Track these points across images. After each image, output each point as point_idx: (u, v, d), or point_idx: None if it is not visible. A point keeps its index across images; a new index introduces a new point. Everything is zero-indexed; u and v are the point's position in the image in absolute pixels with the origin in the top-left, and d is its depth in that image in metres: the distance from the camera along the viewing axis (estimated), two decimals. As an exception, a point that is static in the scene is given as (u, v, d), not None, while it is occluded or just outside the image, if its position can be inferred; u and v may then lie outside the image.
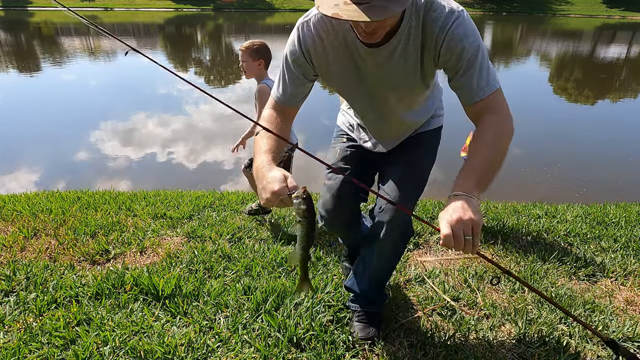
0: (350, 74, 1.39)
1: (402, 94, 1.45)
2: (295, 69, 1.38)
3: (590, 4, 50.22)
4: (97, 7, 40.85)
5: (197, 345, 1.86)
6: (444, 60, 1.27)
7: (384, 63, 1.32)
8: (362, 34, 1.18)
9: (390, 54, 1.29)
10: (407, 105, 1.53)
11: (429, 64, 1.32)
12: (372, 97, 1.47)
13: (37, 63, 13.22)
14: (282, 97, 1.43)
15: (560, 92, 11.44)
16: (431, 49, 1.27)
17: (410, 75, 1.35)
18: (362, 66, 1.36)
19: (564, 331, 2.05)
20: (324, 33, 1.31)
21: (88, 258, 2.60)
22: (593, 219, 3.40)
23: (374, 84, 1.41)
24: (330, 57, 1.36)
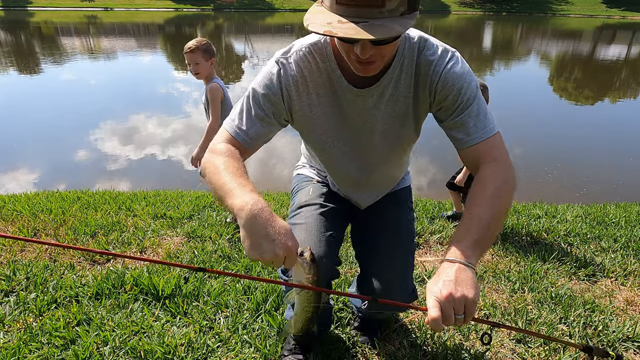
0: (333, 119, 1.21)
1: (392, 142, 1.26)
2: (265, 106, 1.15)
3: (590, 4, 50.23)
4: (97, 7, 40.85)
5: (197, 345, 1.86)
6: (439, 99, 1.14)
7: (373, 105, 1.17)
8: (356, 64, 1.01)
9: (381, 95, 1.15)
10: (395, 155, 1.34)
11: (422, 105, 1.19)
12: (356, 145, 1.27)
13: (37, 63, 13.22)
14: (242, 134, 1.15)
15: (560, 92, 11.44)
16: (425, 87, 1.15)
17: (402, 118, 1.20)
18: (348, 110, 1.18)
19: (564, 331, 2.05)
20: (307, 71, 1.14)
21: (88, 258, 2.59)
22: (593, 219, 3.40)
23: (360, 130, 1.22)
24: (313, 98, 1.17)
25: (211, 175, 1.05)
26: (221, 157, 1.07)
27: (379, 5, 0.86)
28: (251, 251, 0.88)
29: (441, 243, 2.98)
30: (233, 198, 0.95)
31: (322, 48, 1.14)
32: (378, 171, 1.38)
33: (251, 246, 0.89)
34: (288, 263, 0.91)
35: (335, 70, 1.13)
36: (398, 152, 1.33)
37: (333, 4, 0.90)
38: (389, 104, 1.17)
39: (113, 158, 6.00)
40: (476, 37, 27.05)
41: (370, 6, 0.86)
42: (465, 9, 49.52)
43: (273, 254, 0.88)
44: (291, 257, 0.91)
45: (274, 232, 0.89)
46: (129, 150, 6.28)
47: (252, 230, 0.88)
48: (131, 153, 6.16)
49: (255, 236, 0.88)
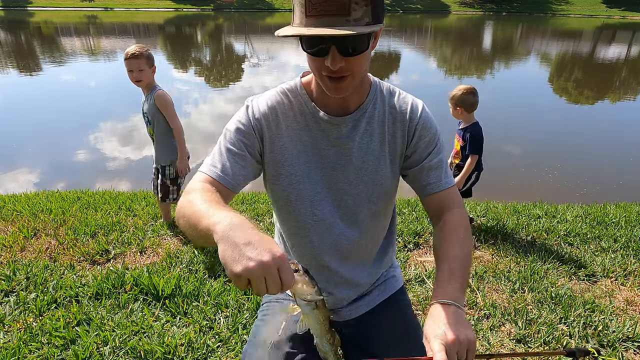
0: (304, 152, 1.13)
1: (369, 183, 1.16)
2: (238, 139, 1.09)
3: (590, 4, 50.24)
4: (97, 7, 40.86)
5: (197, 345, 1.86)
6: (416, 141, 1.14)
7: (347, 135, 1.12)
8: (327, 82, 0.99)
9: (354, 127, 1.13)
10: (374, 202, 1.19)
11: (398, 146, 1.16)
12: (329, 182, 1.15)
13: (37, 63, 13.23)
14: (218, 171, 1.07)
15: (560, 92, 11.44)
16: (404, 128, 1.14)
17: (377, 157, 1.15)
18: (321, 141, 1.12)
19: (564, 331, 2.05)
20: (277, 105, 1.13)
21: (88, 258, 2.59)
22: (593, 219, 3.40)
23: (334, 163, 1.13)
24: (282, 130, 1.12)
25: (184, 211, 0.94)
26: (195, 193, 0.97)
27: (345, 13, 0.89)
28: (234, 265, 0.72)
29: (441, 243, 2.98)
30: (207, 218, 0.84)
31: (294, 87, 1.15)
32: (357, 223, 1.20)
33: (233, 259, 0.72)
34: (285, 277, 0.74)
35: (307, 102, 1.13)
36: (377, 198, 1.18)
37: (302, 18, 0.93)
38: (364, 138, 1.13)
39: (113, 158, 6.00)
40: (476, 37, 27.05)
41: (337, 15, 0.90)
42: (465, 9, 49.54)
43: (260, 264, 0.71)
44: (285, 268, 0.74)
45: (257, 239, 0.75)
46: (129, 150, 6.28)
47: (232, 240, 0.75)
48: (131, 153, 6.16)
49: (235, 246, 0.73)
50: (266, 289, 0.73)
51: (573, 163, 6.05)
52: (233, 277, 0.72)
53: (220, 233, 0.77)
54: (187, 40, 21.93)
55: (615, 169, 5.83)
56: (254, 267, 0.71)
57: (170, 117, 2.84)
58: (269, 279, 0.72)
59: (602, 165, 5.99)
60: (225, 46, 19.79)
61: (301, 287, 0.81)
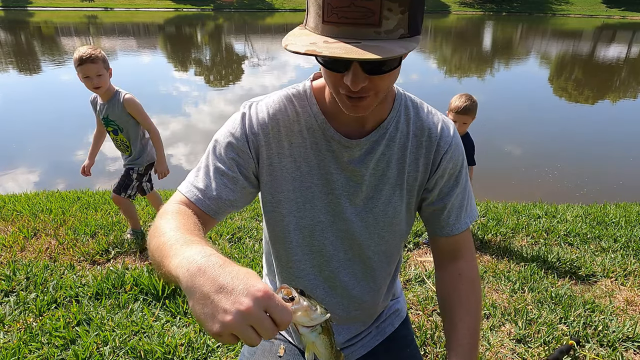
0: (309, 174, 0.96)
1: (377, 215, 1.00)
2: (228, 157, 0.91)
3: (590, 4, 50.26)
4: (97, 7, 40.87)
5: (197, 345, 1.86)
6: (441, 172, 0.98)
7: (360, 160, 0.95)
8: (345, 100, 0.82)
9: (370, 151, 0.95)
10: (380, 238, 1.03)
11: (420, 176, 0.98)
12: (333, 210, 0.98)
13: (37, 63, 13.23)
14: (200, 194, 0.90)
15: (560, 92, 11.44)
16: (430, 155, 0.97)
17: (392, 186, 0.98)
18: (329, 163, 0.95)
19: (564, 331, 2.05)
20: (280, 115, 0.93)
21: (88, 258, 2.60)
22: (593, 219, 3.40)
23: (342, 189, 0.97)
24: (284, 147, 0.93)
25: (150, 241, 0.78)
26: (166, 217, 0.81)
27: (375, 24, 0.69)
28: (210, 324, 0.57)
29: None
30: (170, 258, 0.69)
31: (302, 93, 0.95)
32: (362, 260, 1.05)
33: (207, 316, 0.57)
34: (278, 317, 0.57)
35: (317, 115, 0.93)
36: (388, 234, 1.03)
37: (319, 23, 0.73)
38: (380, 164, 0.96)
39: (113, 158, 6.00)
40: (476, 37, 27.05)
41: (363, 25, 0.70)
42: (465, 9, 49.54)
43: (239, 314, 0.55)
44: (274, 306, 0.57)
45: (229, 280, 0.58)
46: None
47: (200, 291, 0.59)
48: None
49: (205, 298, 0.58)
50: (259, 338, 0.57)
51: (573, 163, 6.05)
52: (215, 337, 0.58)
53: (185, 283, 0.62)
54: (187, 41, 21.94)
55: (615, 169, 5.83)
56: (232, 320, 0.55)
57: (144, 119, 2.70)
58: (258, 327, 0.56)
59: (602, 165, 5.99)
60: (225, 46, 19.80)
61: (302, 316, 0.65)
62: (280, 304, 0.58)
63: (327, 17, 0.71)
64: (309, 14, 0.77)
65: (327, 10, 0.71)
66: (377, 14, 0.68)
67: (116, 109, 2.62)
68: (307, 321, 0.65)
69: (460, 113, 2.67)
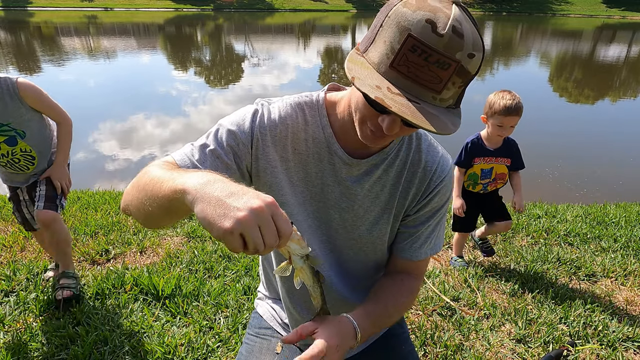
0: (307, 182, 0.99)
1: (363, 233, 1.04)
2: (228, 142, 0.92)
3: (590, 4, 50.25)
4: (97, 7, 40.87)
5: (197, 345, 1.86)
6: (425, 204, 1.01)
7: (357, 180, 0.98)
8: (368, 133, 0.84)
9: (368, 173, 0.98)
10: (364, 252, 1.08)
11: (407, 205, 1.02)
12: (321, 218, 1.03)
13: (37, 63, 13.23)
14: (191, 166, 0.90)
15: (560, 91, 11.44)
16: (421, 187, 1.00)
17: (382, 209, 1.02)
18: (327, 176, 0.98)
19: (564, 331, 2.05)
20: (290, 120, 0.95)
21: (88, 258, 2.60)
22: (593, 219, 3.40)
23: (334, 202, 1.00)
24: (289, 152, 0.96)
25: (138, 182, 0.81)
26: (152, 166, 0.83)
27: (437, 90, 0.72)
28: (222, 221, 0.60)
29: (441, 243, 2.98)
30: (172, 181, 0.70)
31: (314, 104, 0.97)
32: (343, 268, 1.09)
33: (218, 215, 0.60)
34: (281, 225, 0.63)
35: (326, 128, 0.96)
36: (371, 252, 1.07)
37: (385, 65, 0.73)
38: (375, 187, 1.00)
39: (113, 158, 6.00)
40: (476, 37, 27.00)
41: (427, 88, 0.72)
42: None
43: (252, 211, 0.60)
44: (279, 215, 0.63)
45: (240, 189, 0.64)
46: (128, 150, 6.28)
47: (211, 195, 0.62)
48: (130, 153, 6.17)
49: (217, 201, 0.62)
50: (263, 243, 0.61)
51: (573, 163, 6.05)
52: (224, 235, 0.60)
53: (195, 191, 0.64)
54: (187, 41, 21.94)
55: (615, 169, 5.83)
56: (245, 216, 0.59)
57: (53, 108, 1.98)
58: (264, 228, 0.61)
59: (602, 165, 5.98)
60: (226, 46, 19.80)
61: (296, 244, 0.75)
62: (284, 214, 0.64)
63: (397, 65, 0.72)
64: (374, 47, 0.75)
65: (399, 59, 0.71)
66: (443, 83, 0.72)
67: (8, 103, 1.86)
68: (298, 249, 0.76)
69: (510, 114, 2.28)
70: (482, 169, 2.52)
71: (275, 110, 0.95)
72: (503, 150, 2.50)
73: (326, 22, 34.35)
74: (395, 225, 1.05)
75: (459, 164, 2.51)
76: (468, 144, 2.50)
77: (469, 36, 0.71)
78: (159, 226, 0.87)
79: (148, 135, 7.03)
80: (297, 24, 32.91)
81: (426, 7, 0.71)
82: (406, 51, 0.70)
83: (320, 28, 31.11)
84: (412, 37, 0.70)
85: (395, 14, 0.72)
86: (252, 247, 0.61)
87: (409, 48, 0.70)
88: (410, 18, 0.70)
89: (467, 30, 0.71)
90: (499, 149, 2.49)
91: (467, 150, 2.49)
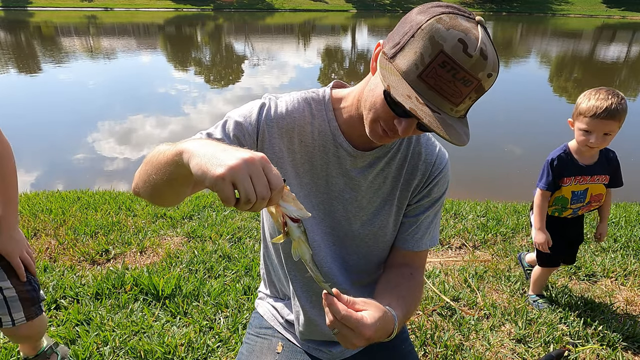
0: (312, 173, 1.02)
1: (367, 224, 1.07)
2: (234, 133, 0.96)
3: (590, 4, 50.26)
4: (97, 7, 40.87)
5: (197, 345, 1.86)
6: (425, 194, 1.06)
7: (361, 171, 1.02)
8: (379, 131, 0.88)
9: (371, 165, 1.03)
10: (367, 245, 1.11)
11: (408, 195, 1.07)
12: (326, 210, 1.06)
13: (37, 63, 13.23)
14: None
15: (560, 91, 11.44)
16: (422, 179, 1.05)
17: (384, 200, 1.06)
18: (332, 168, 1.02)
19: (564, 331, 2.05)
20: (297, 113, 0.99)
21: (88, 258, 2.60)
22: (593, 219, 3.40)
23: (338, 193, 1.04)
24: (295, 144, 1.00)
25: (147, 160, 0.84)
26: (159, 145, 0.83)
27: (456, 103, 0.79)
28: (214, 168, 0.62)
29: (441, 243, 2.98)
30: (173, 148, 0.74)
31: (320, 99, 1.02)
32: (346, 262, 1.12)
33: (212, 164, 0.63)
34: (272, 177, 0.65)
35: (332, 121, 1.00)
36: (374, 243, 1.10)
37: (412, 74, 0.77)
38: (377, 179, 1.04)
39: (113, 158, 6.00)
40: (476, 37, 27.02)
41: (448, 100, 0.78)
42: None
43: (243, 160, 0.63)
44: (270, 169, 0.65)
45: (233, 147, 0.68)
46: (128, 150, 6.28)
47: (206, 150, 0.67)
48: (130, 153, 6.17)
49: (211, 154, 0.65)
50: (255, 193, 0.63)
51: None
52: (216, 182, 0.62)
53: (191, 150, 0.69)
54: (187, 41, 21.94)
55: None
56: (237, 164, 0.62)
57: None
58: (255, 177, 0.63)
59: (602, 165, 5.98)
60: (226, 46, 19.80)
61: (291, 204, 0.71)
62: (276, 170, 0.66)
63: (425, 77, 0.77)
64: (403, 55, 0.79)
65: (429, 72, 0.76)
66: (462, 97, 0.78)
67: None
68: (295, 211, 0.71)
69: (600, 117, 1.78)
70: (573, 192, 1.99)
71: (282, 103, 0.99)
72: (600, 165, 2.01)
73: (326, 22, 34.35)
74: (397, 218, 1.09)
75: (543, 187, 2.01)
76: (553, 160, 1.98)
77: (491, 58, 0.78)
78: (164, 201, 0.89)
79: (148, 135, 7.03)
80: (297, 24, 32.90)
81: (459, 26, 0.76)
82: (436, 65, 0.75)
83: (320, 28, 31.12)
84: (445, 53, 0.75)
85: (429, 28, 0.76)
86: (244, 196, 0.62)
87: (439, 63, 0.75)
88: (445, 35, 0.75)
89: (490, 53, 0.78)
90: (595, 164, 2.00)
91: (552, 168, 1.97)
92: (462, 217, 3.40)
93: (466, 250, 2.92)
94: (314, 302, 1.13)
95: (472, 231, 3.11)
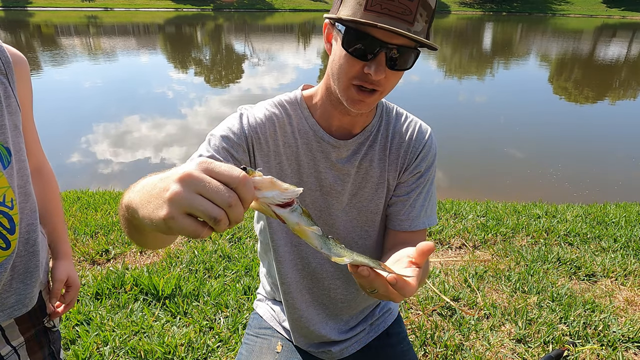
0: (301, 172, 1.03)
1: (360, 211, 1.08)
2: (222, 147, 0.93)
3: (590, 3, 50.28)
4: (97, 7, 40.88)
5: (197, 345, 1.86)
6: (411, 170, 1.06)
7: (347, 159, 1.03)
8: (354, 93, 0.88)
9: (356, 151, 1.04)
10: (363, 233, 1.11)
11: (396, 174, 1.07)
12: (320, 205, 1.06)
13: (37, 63, 13.23)
14: None
15: (560, 91, 11.44)
16: (406, 156, 1.05)
17: (375, 184, 1.06)
18: (319, 162, 1.02)
19: (564, 331, 2.05)
20: (275, 117, 1.00)
21: (88, 258, 2.60)
22: (593, 219, 3.40)
23: (330, 187, 1.04)
24: (280, 146, 0.99)
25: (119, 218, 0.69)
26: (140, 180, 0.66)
27: (410, 21, 0.80)
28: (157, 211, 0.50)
29: (441, 243, 2.98)
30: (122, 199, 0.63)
31: (294, 100, 1.03)
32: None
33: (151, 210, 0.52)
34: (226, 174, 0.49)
35: (309, 118, 1.01)
36: (371, 229, 1.10)
37: (358, 10, 0.81)
38: (363, 163, 1.04)
39: (112, 158, 6.00)
40: (476, 37, 27.07)
41: (402, 20, 0.80)
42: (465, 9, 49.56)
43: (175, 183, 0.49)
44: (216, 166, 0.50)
45: (165, 173, 0.55)
46: (128, 150, 6.28)
47: (142, 194, 0.55)
48: (131, 153, 6.17)
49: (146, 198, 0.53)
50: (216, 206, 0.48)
51: (573, 163, 6.05)
52: (168, 226, 0.49)
53: (132, 200, 0.57)
54: (187, 41, 21.94)
55: (615, 169, 5.83)
56: (175, 191, 0.48)
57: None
58: (205, 189, 0.48)
59: (602, 165, 5.99)
60: (225, 46, 19.80)
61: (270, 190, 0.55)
62: (224, 164, 0.51)
63: (370, 7, 0.80)
64: (344, 4, 0.84)
65: (371, 1, 0.80)
66: (413, 14, 0.80)
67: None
68: (279, 195, 0.56)
69: None
70: None
71: (258, 111, 1.00)
72: None
73: (326, 22, 34.27)
74: (390, 186, 1.09)
75: None
76: None
77: None
78: (149, 246, 0.76)
79: (149, 135, 7.03)
80: (297, 24, 32.90)
81: None
82: None
83: (320, 28, 31.07)
84: None
85: None
86: (207, 218, 0.48)
87: None
88: None
89: None
90: None
91: None
92: (462, 217, 3.40)
93: (466, 250, 2.92)
94: (308, 302, 1.13)
95: (472, 231, 3.11)
